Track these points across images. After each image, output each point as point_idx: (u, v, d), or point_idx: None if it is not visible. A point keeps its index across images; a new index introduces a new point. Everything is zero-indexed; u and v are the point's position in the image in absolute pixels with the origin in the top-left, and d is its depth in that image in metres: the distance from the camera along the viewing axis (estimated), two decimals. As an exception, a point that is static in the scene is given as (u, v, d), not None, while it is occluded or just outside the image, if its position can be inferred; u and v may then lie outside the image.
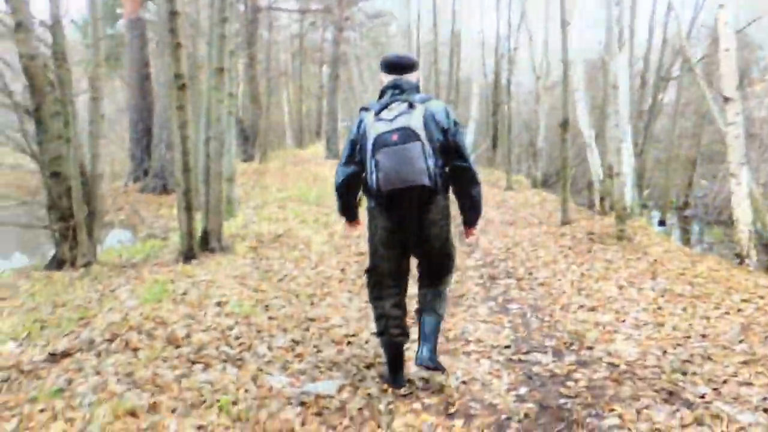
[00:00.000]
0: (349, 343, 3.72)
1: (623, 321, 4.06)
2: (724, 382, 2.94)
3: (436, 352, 3.02)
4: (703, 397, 2.79)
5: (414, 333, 3.14)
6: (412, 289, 3.16)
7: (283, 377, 3.00)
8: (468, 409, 2.83)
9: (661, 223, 13.17)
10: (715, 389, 2.86)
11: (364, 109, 2.95)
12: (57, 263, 5.74)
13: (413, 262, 3.16)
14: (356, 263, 6.25)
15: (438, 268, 3.09)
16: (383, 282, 3.05)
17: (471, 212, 3.03)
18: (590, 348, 3.59)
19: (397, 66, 3.01)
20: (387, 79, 2.98)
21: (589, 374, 3.18)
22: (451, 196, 3.02)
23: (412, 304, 3.17)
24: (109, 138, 15.76)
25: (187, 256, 5.46)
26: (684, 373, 3.07)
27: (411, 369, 3.29)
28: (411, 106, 2.79)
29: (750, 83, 16.43)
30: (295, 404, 2.70)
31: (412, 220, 2.90)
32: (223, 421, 2.41)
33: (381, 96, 2.96)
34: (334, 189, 3.08)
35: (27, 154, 5.73)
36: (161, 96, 14.25)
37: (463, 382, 3.14)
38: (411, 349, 3.20)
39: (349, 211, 3.17)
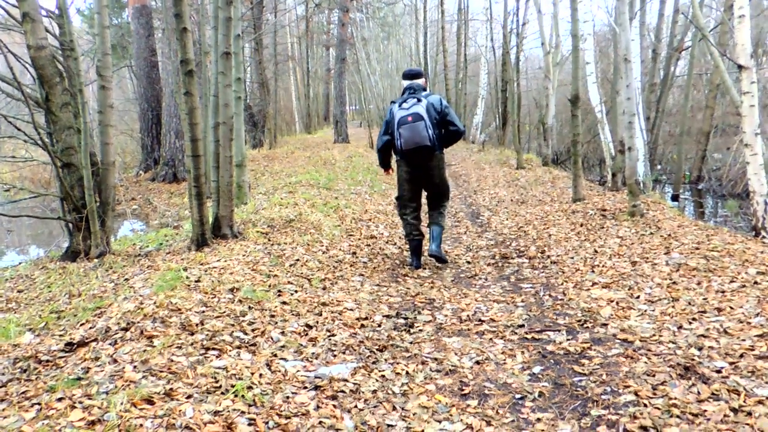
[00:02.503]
0: (362, 326, 3.73)
1: (637, 297, 4.03)
2: (741, 356, 2.91)
3: (441, 247, 5.25)
4: (719, 371, 2.77)
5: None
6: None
7: (297, 361, 3.02)
8: (482, 389, 2.83)
9: (675, 197, 13.00)
10: (731, 363, 2.84)
11: (393, 102, 5.11)
12: (71, 254, 5.78)
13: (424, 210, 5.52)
14: (367, 246, 6.25)
15: (439, 197, 5.34)
16: (406, 205, 5.30)
17: (447, 146, 5.14)
18: (604, 325, 3.58)
19: (410, 75, 5.20)
20: (405, 83, 5.18)
21: (604, 351, 3.17)
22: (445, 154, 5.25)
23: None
24: (118, 128, 15.83)
25: (200, 243, 5.48)
26: (700, 348, 3.05)
27: (421, 352, 3.32)
28: (419, 100, 4.92)
29: (765, 53, 16.11)
30: (309, 388, 2.72)
31: (421, 166, 5.08)
32: (238, 406, 2.42)
33: (403, 93, 5.12)
34: (376, 150, 5.35)
35: (39, 146, 5.75)
36: (169, 84, 14.24)
37: (477, 363, 3.14)
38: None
39: (385, 164, 5.35)
